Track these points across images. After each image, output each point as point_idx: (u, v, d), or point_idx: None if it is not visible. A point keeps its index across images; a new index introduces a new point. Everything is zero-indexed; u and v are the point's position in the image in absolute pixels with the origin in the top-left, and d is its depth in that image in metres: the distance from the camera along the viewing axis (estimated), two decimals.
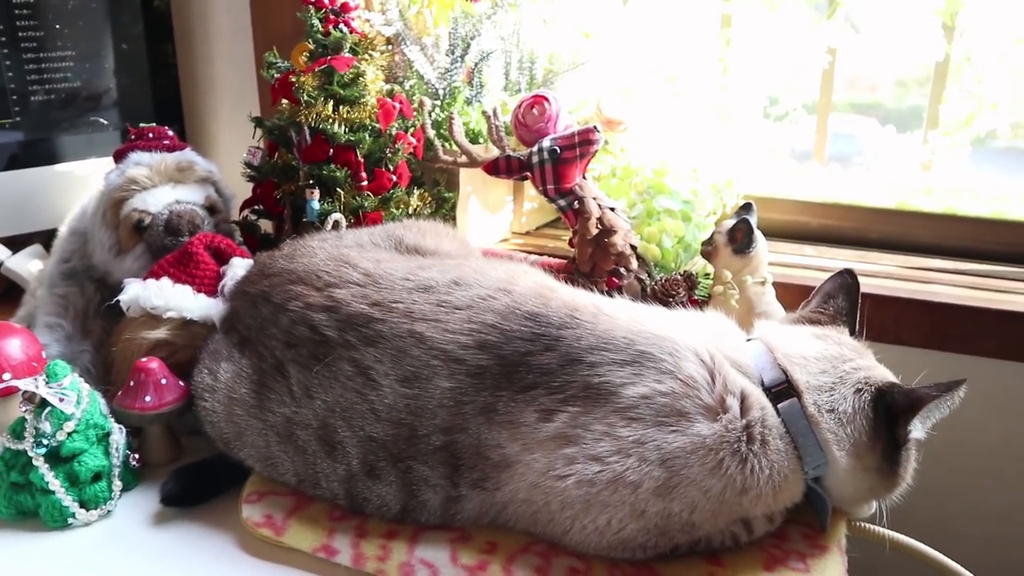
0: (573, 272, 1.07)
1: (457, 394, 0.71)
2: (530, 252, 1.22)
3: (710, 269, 1.07)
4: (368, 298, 0.77)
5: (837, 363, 0.75)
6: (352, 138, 1.08)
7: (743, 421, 0.69)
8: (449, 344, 0.72)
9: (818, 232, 1.36)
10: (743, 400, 0.70)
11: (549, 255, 1.19)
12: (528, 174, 1.08)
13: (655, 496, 0.66)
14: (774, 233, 1.35)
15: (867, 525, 0.80)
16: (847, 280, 0.85)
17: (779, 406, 0.71)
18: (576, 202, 1.06)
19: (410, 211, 1.13)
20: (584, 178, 1.09)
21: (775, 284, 1.06)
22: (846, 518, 0.78)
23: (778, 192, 1.38)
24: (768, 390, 0.72)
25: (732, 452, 0.68)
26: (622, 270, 1.06)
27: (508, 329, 0.72)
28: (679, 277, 1.04)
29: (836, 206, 1.35)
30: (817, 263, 1.24)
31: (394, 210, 1.12)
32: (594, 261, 1.05)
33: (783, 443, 0.70)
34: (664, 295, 1.02)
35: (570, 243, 1.09)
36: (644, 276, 1.07)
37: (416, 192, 1.16)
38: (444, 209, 1.22)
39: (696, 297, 1.04)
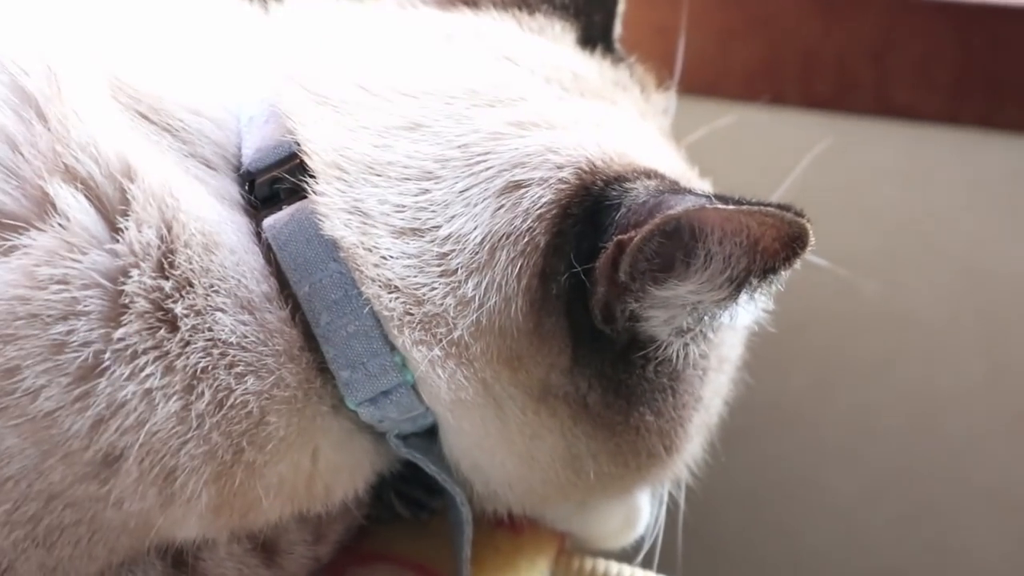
0: None
1: None
2: None
3: None
4: None
5: (471, 109, 0.48)
6: None
7: (93, 258, 0.44)
8: None
9: None
10: (122, 193, 0.45)
11: None
12: None
13: None
14: None
15: (597, 563, 0.60)
16: None
17: (265, 223, 0.48)
18: None
19: None
20: None
21: None
22: (556, 547, 0.59)
23: None
24: (249, 180, 0.48)
25: (31, 339, 0.43)
26: None
27: None
28: None
29: None
30: None
31: None
32: None
33: (255, 325, 0.45)
34: None
35: None
36: None
37: None
38: None
39: None
